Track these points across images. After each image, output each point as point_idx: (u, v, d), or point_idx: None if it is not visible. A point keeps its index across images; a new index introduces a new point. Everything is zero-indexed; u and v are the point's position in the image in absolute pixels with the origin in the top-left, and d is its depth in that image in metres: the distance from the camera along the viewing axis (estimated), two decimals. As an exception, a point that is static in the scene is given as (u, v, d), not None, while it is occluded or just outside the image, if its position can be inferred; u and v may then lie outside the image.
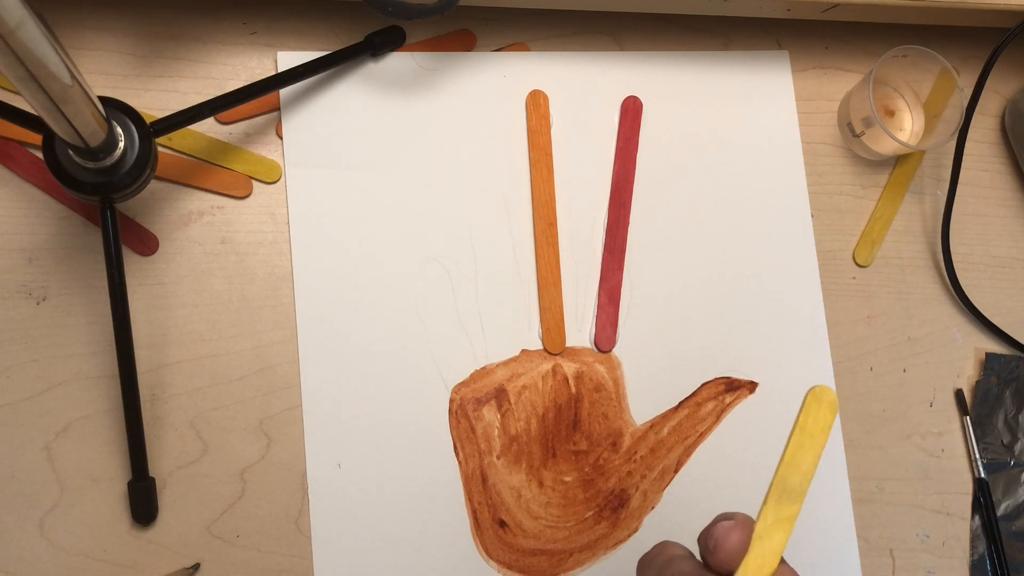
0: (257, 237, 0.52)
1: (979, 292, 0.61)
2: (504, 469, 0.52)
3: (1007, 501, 0.59)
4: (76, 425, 0.48)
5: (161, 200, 0.51)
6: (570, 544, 0.53)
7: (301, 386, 0.51)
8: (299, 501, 0.50)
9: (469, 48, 0.57)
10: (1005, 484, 0.59)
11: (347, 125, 0.54)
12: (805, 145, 0.60)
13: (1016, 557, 0.58)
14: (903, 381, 0.59)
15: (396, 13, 0.48)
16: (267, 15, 0.54)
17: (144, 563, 0.48)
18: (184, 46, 0.53)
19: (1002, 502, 0.59)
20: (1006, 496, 0.59)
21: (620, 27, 0.59)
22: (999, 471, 0.60)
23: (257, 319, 0.51)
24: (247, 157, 0.52)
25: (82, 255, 0.50)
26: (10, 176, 0.50)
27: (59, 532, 0.47)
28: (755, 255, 0.58)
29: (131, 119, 0.44)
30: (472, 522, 0.52)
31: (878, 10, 0.58)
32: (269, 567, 0.49)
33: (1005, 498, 0.59)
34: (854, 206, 0.61)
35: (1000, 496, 0.59)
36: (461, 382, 0.53)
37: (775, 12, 0.59)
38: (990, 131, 0.64)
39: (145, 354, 0.49)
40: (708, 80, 0.60)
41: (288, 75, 0.51)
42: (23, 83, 0.33)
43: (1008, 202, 0.64)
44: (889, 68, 0.60)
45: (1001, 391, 0.61)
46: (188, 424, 0.49)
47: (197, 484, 0.49)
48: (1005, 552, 0.58)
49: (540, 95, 0.56)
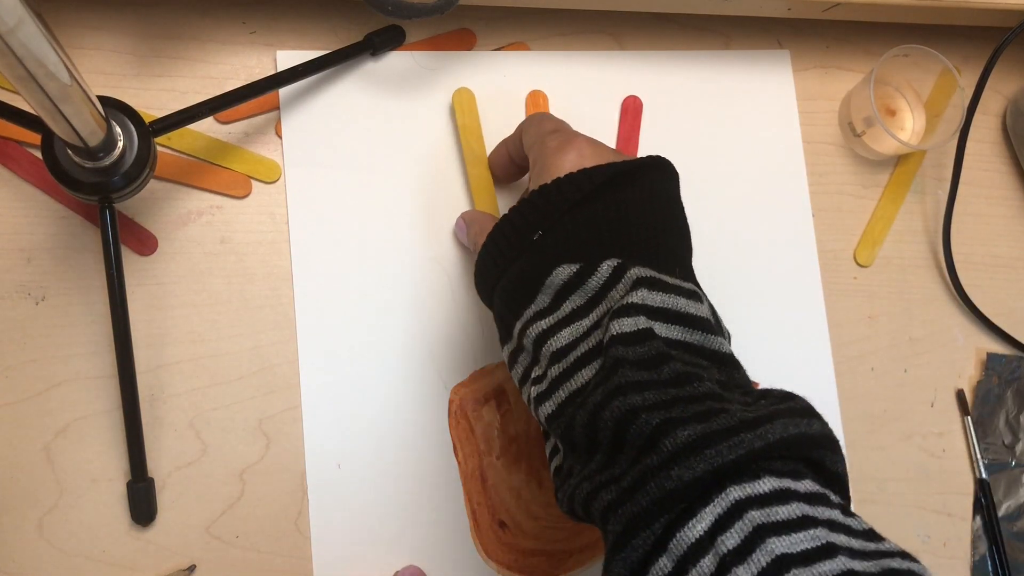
0: (256, 237, 0.52)
1: (980, 292, 0.61)
2: (504, 469, 0.52)
3: (1008, 501, 0.59)
4: (75, 425, 0.48)
5: (160, 200, 0.51)
6: (570, 544, 0.52)
7: (301, 386, 0.51)
8: (298, 501, 0.50)
9: (469, 47, 0.56)
10: (1006, 484, 0.59)
11: (347, 125, 0.54)
12: (806, 145, 0.60)
13: (1017, 558, 0.58)
14: (904, 381, 0.59)
15: (396, 12, 0.48)
16: (266, 14, 0.54)
17: (143, 563, 0.48)
18: (183, 45, 0.53)
19: (1003, 502, 0.59)
20: (1007, 496, 0.59)
21: (620, 26, 0.59)
22: (1000, 471, 0.59)
23: (256, 319, 0.51)
24: (246, 157, 0.52)
25: (81, 255, 0.50)
26: (9, 176, 0.50)
27: (58, 532, 0.47)
28: (756, 255, 0.58)
29: (130, 119, 0.44)
30: (472, 522, 0.51)
31: (879, 9, 0.58)
32: (268, 567, 0.49)
33: (1006, 498, 0.59)
34: (855, 206, 0.61)
35: (1001, 497, 0.59)
36: (461, 382, 0.53)
37: (776, 11, 0.58)
38: (991, 131, 0.64)
39: (144, 354, 0.49)
40: (709, 79, 0.59)
41: (287, 75, 0.51)
42: (22, 82, 0.33)
43: (1009, 202, 0.63)
44: (890, 67, 0.60)
45: (1002, 391, 0.60)
46: (187, 424, 0.49)
47: (196, 484, 0.49)
48: (1006, 552, 0.58)
49: (540, 95, 0.56)
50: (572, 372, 0.38)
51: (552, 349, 0.39)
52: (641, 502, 0.33)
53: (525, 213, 0.42)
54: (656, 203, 0.42)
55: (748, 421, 0.33)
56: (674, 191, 0.44)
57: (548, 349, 0.39)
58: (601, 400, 0.35)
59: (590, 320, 0.39)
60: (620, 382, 0.35)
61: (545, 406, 0.39)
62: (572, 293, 0.40)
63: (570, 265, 0.40)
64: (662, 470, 0.32)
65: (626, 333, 0.36)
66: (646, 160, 0.43)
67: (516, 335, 0.42)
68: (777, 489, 0.32)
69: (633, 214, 0.41)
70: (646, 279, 0.38)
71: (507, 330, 0.43)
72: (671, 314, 0.38)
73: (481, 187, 0.54)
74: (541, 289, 0.40)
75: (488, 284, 0.44)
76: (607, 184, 0.41)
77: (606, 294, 0.39)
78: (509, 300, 0.42)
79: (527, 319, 0.41)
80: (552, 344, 0.39)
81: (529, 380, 0.41)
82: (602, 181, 0.41)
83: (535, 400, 0.40)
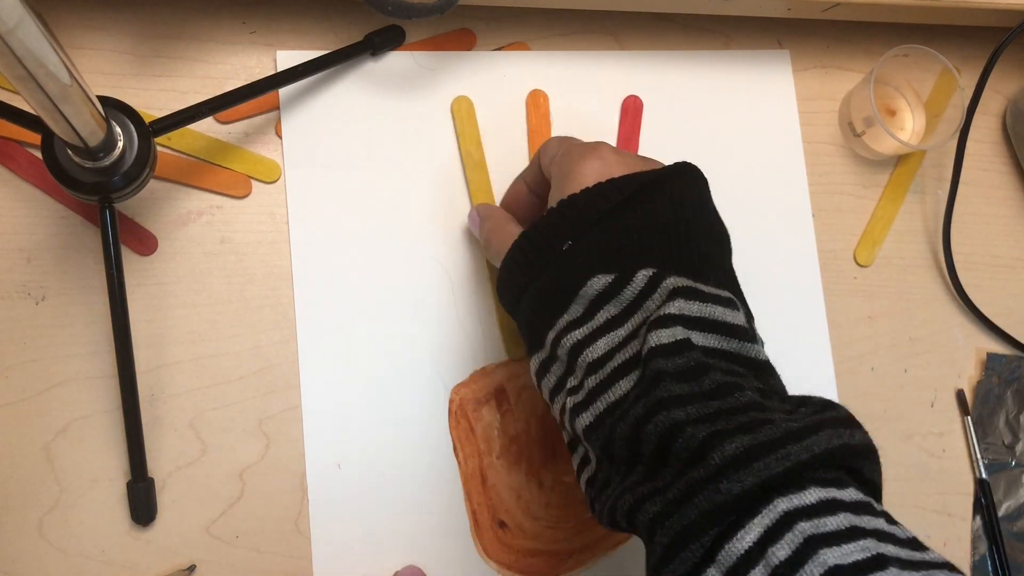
0: (256, 237, 0.52)
1: (980, 292, 0.61)
2: (504, 469, 0.52)
3: (1008, 502, 0.59)
4: (75, 425, 0.48)
5: (160, 200, 0.51)
6: (570, 544, 0.52)
7: (301, 386, 0.51)
8: (298, 501, 0.50)
9: (469, 47, 0.56)
10: (1006, 485, 0.59)
11: (347, 125, 0.54)
12: (806, 144, 0.60)
13: (1017, 558, 0.58)
14: (904, 381, 0.59)
15: (396, 12, 0.48)
16: (266, 14, 0.54)
17: (143, 564, 0.48)
18: (183, 45, 0.53)
19: (1003, 503, 0.59)
20: (1007, 497, 0.59)
21: (621, 26, 0.59)
22: (1000, 471, 0.59)
23: (256, 319, 0.51)
24: (246, 157, 0.52)
25: (81, 255, 0.50)
26: (9, 176, 0.50)
27: (58, 532, 0.47)
28: (755, 255, 0.58)
29: (130, 118, 0.44)
30: (472, 522, 0.51)
31: (879, 9, 0.58)
32: (268, 568, 0.49)
33: (1006, 499, 0.59)
34: (855, 206, 0.61)
35: (1001, 497, 0.59)
36: (461, 382, 0.53)
37: (776, 11, 0.58)
38: (991, 131, 0.64)
39: (144, 354, 0.49)
40: (709, 79, 0.59)
41: (287, 75, 0.51)
42: (22, 82, 0.33)
43: (1009, 202, 0.63)
44: (890, 67, 0.60)
45: (1002, 391, 0.60)
46: (187, 424, 0.49)
47: (196, 484, 0.49)
48: (1006, 553, 0.58)
49: (540, 94, 0.56)
50: (610, 383, 0.38)
51: (589, 360, 0.39)
52: (690, 515, 0.33)
53: (554, 223, 0.42)
54: (687, 210, 0.42)
55: (794, 432, 0.33)
56: (704, 196, 0.44)
57: (584, 360, 0.39)
58: (644, 414, 0.35)
59: (626, 330, 0.39)
60: (662, 396, 0.35)
61: (583, 417, 0.38)
62: (607, 303, 0.39)
63: (605, 275, 0.39)
64: (710, 483, 0.32)
65: (665, 344, 0.36)
66: (674, 168, 0.43)
67: (549, 345, 0.41)
68: (824, 499, 0.32)
69: (664, 223, 0.41)
70: (682, 289, 0.38)
71: (538, 340, 0.42)
72: (708, 323, 0.38)
73: (480, 192, 0.54)
74: (575, 299, 0.40)
75: (514, 293, 0.43)
76: (636, 194, 0.41)
77: (642, 304, 0.39)
78: (540, 309, 0.42)
79: (560, 328, 0.40)
80: (588, 354, 0.39)
81: (564, 390, 0.41)
82: (631, 192, 0.41)
83: (571, 411, 0.39)
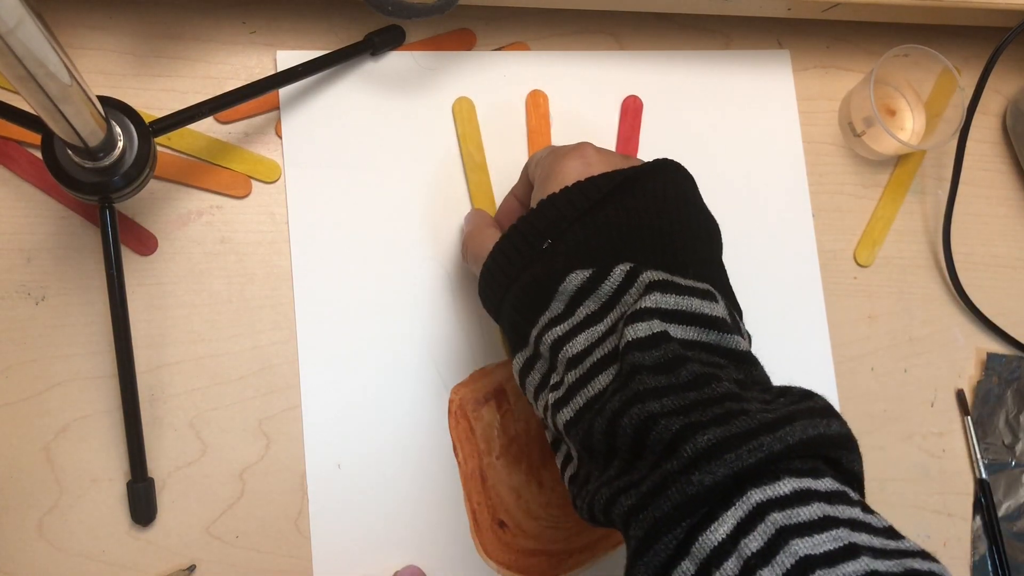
0: (256, 237, 0.52)
1: (980, 292, 0.61)
2: (504, 469, 0.52)
3: (1008, 502, 0.59)
4: (75, 425, 0.48)
5: (160, 200, 0.51)
6: (570, 544, 0.52)
7: (300, 386, 0.51)
8: (298, 501, 0.50)
9: (469, 47, 0.56)
10: (1006, 484, 0.59)
11: (347, 124, 0.54)
12: (806, 144, 0.60)
13: (1017, 558, 0.58)
14: (904, 381, 0.59)
15: (396, 12, 0.48)
16: (266, 14, 0.54)
17: (143, 564, 0.48)
18: (183, 45, 0.53)
19: (1003, 503, 0.59)
20: (1007, 496, 0.59)
21: (620, 26, 0.59)
22: (1000, 471, 0.59)
23: (256, 319, 0.51)
24: (246, 157, 0.52)
25: (81, 255, 0.50)
26: (9, 176, 0.50)
27: (58, 532, 0.47)
28: (755, 255, 0.58)
29: (130, 119, 0.44)
30: (472, 522, 0.51)
31: (879, 9, 0.58)
32: (268, 568, 0.49)
33: (1006, 499, 0.59)
34: (855, 206, 0.61)
35: (1001, 497, 0.59)
36: (461, 382, 0.53)
37: (776, 11, 0.58)
38: (991, 131, 0.64)
39: (144, 354, 0.49)
40: (709, 79, 0.59)
41: (287, 75, 0.51)
42: (22, 82, 0.33)
43: (1009, 202, 0.63)
44: (890, 67, 0.60)
45: (1002, 391, 0.60)
46: (187, 424, 0.49)
47: (196, 484, 0.49)
48: (1006, 553, 0.58)
49: (540, 95, 0.56)
50: (589, 378, 0.38)
51: (568, 355, 0.39)
52: (663, 507, 0.33)
53: (534, 222, 0.42)
54: (668, 205, 0.42)
55: (768, 423, 0.33)
56: (687, 191, 0.44)
57: (564, 355, 0.39)
58: (619, 407, 0.35)
59: (604, 325, 0.39)
60: (638, 388, 0.35)
61: (563, 413, 0.39)
62: (586, 299, 0.40)
63: (583, 271, 0.40)
64: (683, 475, 0.32)
65: (641, 338, 0.36)
66: (655, 164, 0.43)
67: (532, 342, 0.41)
68: (797, 490, 0.32)
69: (643, 218, 0.41)
70: (659, 282, 0.38)
71: (522, 337, 0.42)
72: (686, 315, 0.38)
73: (481, 194, 0.54)
74: (555, 296, 0.40)
75: (496, 293, 0.44)
76: (616, 191, 0.41)
77: (620, 298, 0.39)
78: (522, 308, 0.42)
79: (542, 326, 0.41)
80: (568, 350, 0.39)
81: (547, 387, 0.41)
82: (610, 189, 0.41)
83: (552, 407, 0.40)
